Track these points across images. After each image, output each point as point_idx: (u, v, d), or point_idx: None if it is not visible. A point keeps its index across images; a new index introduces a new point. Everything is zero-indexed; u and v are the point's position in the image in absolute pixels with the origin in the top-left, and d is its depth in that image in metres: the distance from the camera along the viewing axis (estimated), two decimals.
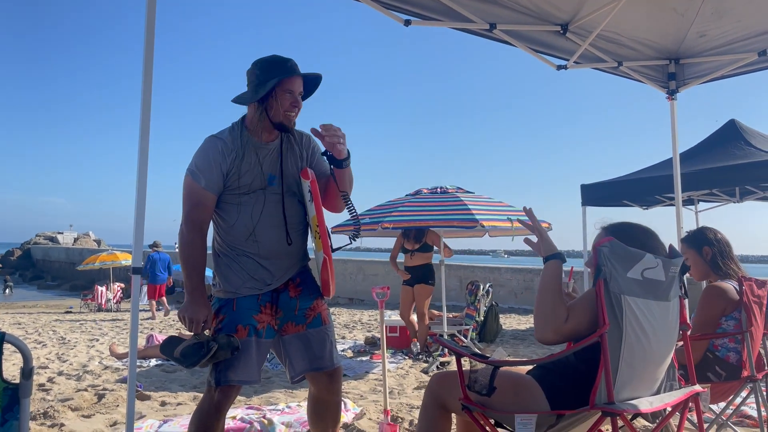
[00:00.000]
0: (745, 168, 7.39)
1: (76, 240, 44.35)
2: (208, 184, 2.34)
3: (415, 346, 6.83)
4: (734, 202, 9.23)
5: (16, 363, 6.04)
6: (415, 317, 6.97)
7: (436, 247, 6.90)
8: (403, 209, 6.57)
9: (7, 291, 26.66)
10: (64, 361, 6.67)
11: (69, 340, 8.71)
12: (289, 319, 2.46)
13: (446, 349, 6.71)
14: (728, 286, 2.95)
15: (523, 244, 2.28)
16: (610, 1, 4.01)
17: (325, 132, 2.35)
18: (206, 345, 2.20)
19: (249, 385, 2.39)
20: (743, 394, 3.00)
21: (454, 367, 2.06)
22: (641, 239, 2.04)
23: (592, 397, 1.79)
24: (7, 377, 1.55)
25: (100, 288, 17.38)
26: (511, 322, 10.60)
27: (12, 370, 5.60)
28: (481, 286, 7.83)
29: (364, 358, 6.70)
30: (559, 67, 4.68)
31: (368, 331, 9.18)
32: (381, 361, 3.79)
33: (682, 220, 5.27)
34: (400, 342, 7.21)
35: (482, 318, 7.77)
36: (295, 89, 2.37)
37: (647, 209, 9.60)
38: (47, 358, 6.91)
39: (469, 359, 2.10)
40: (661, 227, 2.12)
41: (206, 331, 2.32)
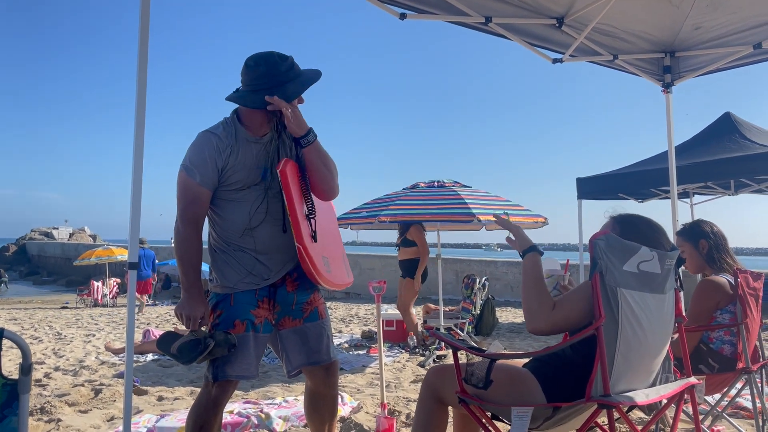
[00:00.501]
0: (741, 161, 7.43)
1: (71, 235, 44.20)
2: (203, 180, 2.30)
3: (412, 340, 6.86)
4: (729, 195, 9.27)
5: (14, 359, 6.04)
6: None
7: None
8: (400, 203, 6.57)
9: (2, 286, 26.56)
10: (61, 357, 6.67)
11: (65, 336, 8.70)
12: (286, 314, 2.45)
13: (443, 343, 6.76)
14: (723, 280, 2.96)
15: None
16: None
17: (271, 109, 2.28)
18: (203, 341, 2.19)
19: (247, 380, 2.39)
20: (738, 385, 3.02)
21: (451, 360, 2.07)
22: (646, 232, 2.05)
23: (588, 390, 1.80)
24: (6, 373, 1.55)
25: (96, 283, 17.36)
26: (507, 316, 10.63)
27: (9, 366, 5.60)
28: (478, 280, 7.85)
29: (361, 352, 6.72)
30: (555, 61, 4.67)
31: (365, 325, 9.20)
32: (378, 354, 3.81)
33: (678, 212, 5.30)
34: (397, 336, 7.23)
35: (478, 311, 7.80)
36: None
37: (642, 202, 9.63)
38: (44, 354, 6.90)
39: (465, 352, 2.11)
40: (657, 220, 2.13)
41: (203, 327, 2.31)
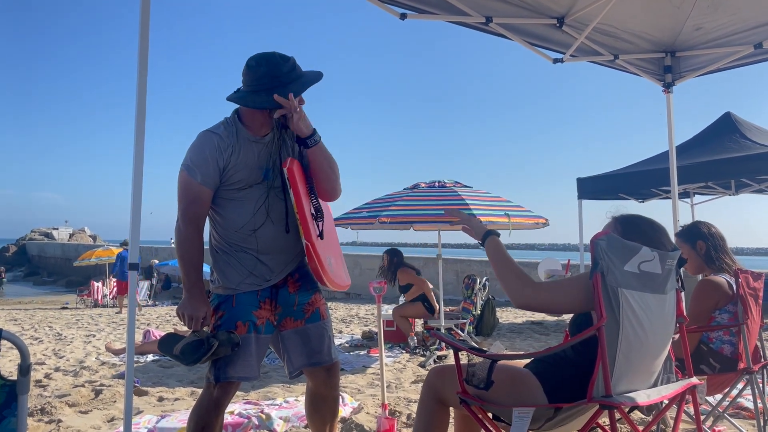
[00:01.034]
0: (741, 161, 7.43)
1: (71, 236, 44.23)
2: (204, 179, 2.28)
3: (413, 340, 6.86)
4: (730, 195, 9.26)
5: (13, 359, 6.03)
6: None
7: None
8: (401, 203, 6.56)
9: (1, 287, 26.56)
10: (61, 357, 6.66)
11: (65, 336, 8.70)
12: (287, 315, 2.44)
13: (443, 343, 6.76)
14: (721, 280, 2.96)
15: (515, 238, 2.30)
16: None
17: (279, 114, 2.28)
18: (206, 342, 2.17)
19: (248, 381, 2.38)
20: (739, 386, 3.02)
21: (452, 360, 2.07)
22: (648, 232, 2.04)
23: (590, 391, 1.79)
24: (4, 374, 1.54)
25: (96, 284, 17.35)
26: (507, 316, 10.63)
27: (9, 366, 5.59)
28: (478, 280, 7.83)
29: (362, 353, 6.71)
30: (556, 61, 4.67)
31: (365, 326, 9.20)
32: (378, 355, 3.80)
33: (678, 212, 5.30)
34: (398, 336, 7.22)
35: (479, 312, 7.78)
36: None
37: (643, 202, 9.63)
38: (44, 354, 6.90)
39: (466, 353, 2.10)
40: (658, 220, 2.13)
41: (205, 328, 2.30)
